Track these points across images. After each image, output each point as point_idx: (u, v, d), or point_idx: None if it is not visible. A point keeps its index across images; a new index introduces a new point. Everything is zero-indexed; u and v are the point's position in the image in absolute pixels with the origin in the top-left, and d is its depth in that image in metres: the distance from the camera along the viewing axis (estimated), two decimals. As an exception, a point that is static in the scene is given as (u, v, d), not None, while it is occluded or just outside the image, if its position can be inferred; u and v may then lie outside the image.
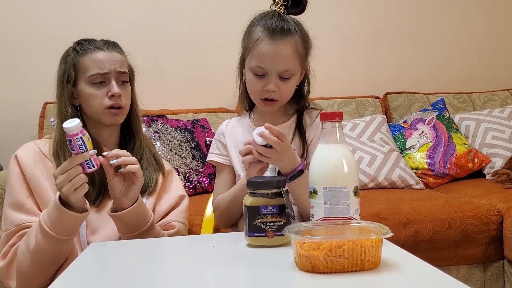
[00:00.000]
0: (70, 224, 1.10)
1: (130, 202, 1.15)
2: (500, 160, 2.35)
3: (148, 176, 1.30)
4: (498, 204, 1.88)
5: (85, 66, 1.25)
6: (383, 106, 2.71)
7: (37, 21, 2.56)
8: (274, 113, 1.30)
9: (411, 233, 1.76)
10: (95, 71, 1.24)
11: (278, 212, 0.95)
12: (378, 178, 2.25)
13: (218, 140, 1.37)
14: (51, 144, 1.26)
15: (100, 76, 1.24)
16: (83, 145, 1.05)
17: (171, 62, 2.69)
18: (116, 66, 1.26)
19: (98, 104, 1.24)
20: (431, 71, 2.96)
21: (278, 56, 1.17)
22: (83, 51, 1.26)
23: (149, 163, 1.33)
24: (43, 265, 1.13)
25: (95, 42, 1.28)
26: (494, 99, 2.79)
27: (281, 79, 1.20)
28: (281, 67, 1.18)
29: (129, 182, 1.14)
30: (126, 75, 1.29)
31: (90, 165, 1.07)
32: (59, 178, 1.05)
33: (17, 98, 2.55)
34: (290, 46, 1.18)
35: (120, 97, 1.25)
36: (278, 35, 1.17)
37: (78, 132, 1.04)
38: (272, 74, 1.19)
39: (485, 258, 1.83)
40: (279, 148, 1.07)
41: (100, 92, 1.24)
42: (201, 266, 0.87)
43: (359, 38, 2.87)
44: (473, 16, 3.00)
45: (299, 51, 1.20)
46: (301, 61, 1.22)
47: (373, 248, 0.77)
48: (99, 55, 1.25)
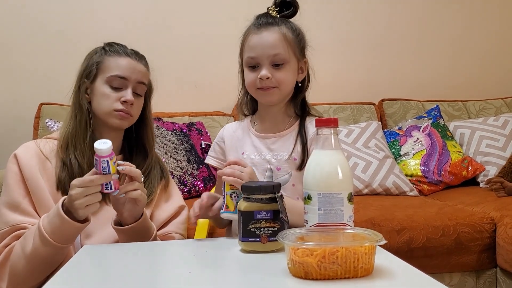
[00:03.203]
0: (71, 232, 1.09)
1: (133, 219, 1.15)
2: (494, 168, 2.36)
3: (150, 190, 1.30)
4: (491, 212, 1.88)
5: (108, 66, 1.26)
6: (379, 113, 2.72)
7: (33, 22, 2.55)
8: (274, 117, 1.30)
9: (404, 240, 1.76)
10: (115, 72, 1.25)
11: (272, 218, 0.95)
12: (372, 185, 2.26)
13: (217, 144, 1.37)
14: (61, 135, 1.26)
15: (118, 79, 1.25)
16: (107, 168, 1.06)
17: (167, 65, 2.69)
18: (138, 76, 1.28)
19: (109, 105, 1.25)
20: (427, 78, 2.97)
21: (265, 42, 1.20)
22: (111, 52, 1.28)
23: (155, 177, 1.34)
24: (38, 270, 1.12)
25: (125, 48, 1.30)
26: (488, 108, 2.81)
27: (274, 66, 1.21)
28: (270, 52, 1.20)
29: (132, 203, 1.14)
30: (144, 88, 1.31)
31: (109, 187, 1.07)
32: (76, 189, 1.04)
33: (12, 98, 2.54)
34: (275, 33, 1.21)
35: (131, 105, 1.26)
36: (264, 26, 1.22)
37: (107, 155, 1.05)
38: (264, 62, 1.21)
39: (478, 266, 1.83)
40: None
41: (115, 94, 1.25)
42: (194, 271, 0.87)
43: (355, 45, 2.89)
44: (469, 25, 3.02)
45: (288, 38, 1.22)
46: (293, 49, 1.23)
47: (367, 255, 0.77)
48: (125, 61, 1.27)
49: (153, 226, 1.21)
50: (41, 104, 2.35)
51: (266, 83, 1.21)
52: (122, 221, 1.15)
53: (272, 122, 1.30)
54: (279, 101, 1.27)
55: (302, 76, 1.28)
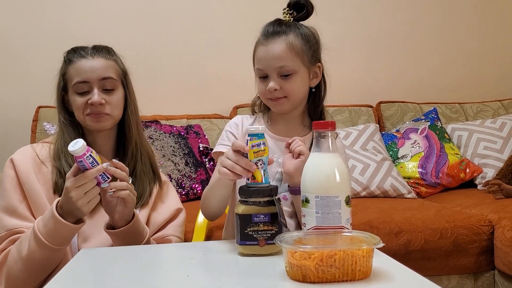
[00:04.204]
0: (66, 234, 1.09)
1: (124, 222, 1.14)
2: (492, 171, 2.37)
3: (142, 187, 1.28)
4: (489, 214, 1.89)
5: (70, 76, 1.25)
6: (376, 115, 2.73)
7: (32, 25, 2.55)
8: (287, 123, 1.28)
9: (402, 243, 1.76)
10: (76, 79, 1.23)
11: (270, 221, 0.95)
12: (370, 187, 2.26)
13: (230, 131, 1.31)
14: (53, 147, 1.26)
15: (81, 85, 1.23)
16: (95, 161, 1.05)
17: (165, 67, 2.69)
18: (99, 73, 1.23)
19: (80, 112, 1.24)
20: (424, 81, 2.98)
21: (271, 54, 1.19)
22: (69, 60, 1.26)
23: (144, 173, 1.30)
24: (34, 273, 1.11)
25: (80, 51, 1.27)
26: (486, 110, 2.81)
27: (282, 77, 1.20)
28: (276, 64, 1.18)
29: (121, 205, 1.13)
30: (112, 81, 1.25)
31: (105, 177, 1.07)
32: (74, 191, 1.04)
33: (10, 101, 2.53)
34: (281, 44, 1.19)
35: (102, 105, 1.22)
36: (270, 36, 1.20)
37: (85, 152, 1.04)
38: (272, 73, 1.20)
39: (476, 268, 1.83)
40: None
41: (82, 100, 1.23)
42: (192, 274, 0.87)
43: (353, 47, 2.89)
44: (466, 27, 3.03)
45: (295, 47, 1.19)
46: (301, 58, 1.20)
47: (364, 258, 0.77)
48: (81, 64, 1.24)
49: (146, 229, 1.20)
50: (39, 107, 2.35)
51: (275, 94, 1.20)
52: (114, 224, 1.14)
53: (286, 127, 1.28)
54: (290, 109, 1.26)
55: (316, 81, 1.26)
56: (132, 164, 1.29)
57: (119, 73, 1.29)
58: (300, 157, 1.08)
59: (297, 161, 1.09)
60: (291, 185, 1.14)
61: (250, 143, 0.99)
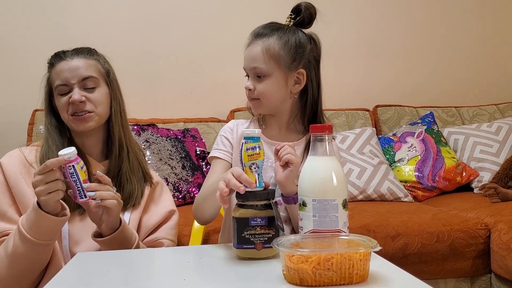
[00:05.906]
0: (48, 228, 1.07)
1: (111, 230, 1.13)
2: (488, 174, 2.37)
3: (130, 188, 1.27)
4: (485, 218, 1.89)
5: (53, 79, 1.26)
6: (373, 119, 2.73)
7: (29, 28, 2.55)
8: (281, 126, 1.28)
9: (399, 246, 1.76)
10: (57, 82, 1.24)
11: (267, 224, 0.95)
12: (367, 191, 2.26)
13: (224, 136, 1.31)
14: (39, 150, 1.26)
15: (62, 87, 1.23)
16: (75, 174, 1.04)
17: (162, 71, 2.69)
18: (79, 73, 1.23)
19: (65, 113, 1.24)
20: (421, 85, 2.99)
21: (249, 54, 1.23)
22: (51, 64, 1.27)
23: (132, 172, 1.29)
24: (21, 272, 1.10)
25: (61, 54, 1.27)
26: (482, 114, 2.83)
27: (257, 78, 1.22)
28: (250, 65, 1.22)
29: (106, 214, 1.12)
30: (93, 79, 1.25)
31: (82, 194, 1.06)
32: (36, 177, 1.03)
33: (6, 104, 2.53)
34: (258, 46, 1.21)
35: (82, 102, 1.22)
36: (254, 38, 1.23)
37: (71, 161, 1.03)
38: (250, 73, 1.23)
39: (473, 271, 1.84)
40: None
41: (64, 99, 1.23)
42: (189, 278, 0.86)
43: (349, 51, 2.90)
44: (463, 32, 3.04)
45: (271, 51, 1.20)
46: (277, 62, 1.20)
47: (361, 261, 0.77)
48: (61, 66, 1.24)
49: (134, 235, 1.19)
50: (35, 110, 2.35)
51: (250, 95, 1.23)
52: (101, 232, 1.14)
53: (279, 131, 1.28)
54: (266, 112, 1.26)
55: (299, 87, 1.25)
56: (119, 163, 1.28)
57: (101, 71, 1.29)
58: (289, 166, 1.06)
59: (286, 171, 1.07)
60: (284, 194, 1.13)
61: (245, 146, 0.99)
